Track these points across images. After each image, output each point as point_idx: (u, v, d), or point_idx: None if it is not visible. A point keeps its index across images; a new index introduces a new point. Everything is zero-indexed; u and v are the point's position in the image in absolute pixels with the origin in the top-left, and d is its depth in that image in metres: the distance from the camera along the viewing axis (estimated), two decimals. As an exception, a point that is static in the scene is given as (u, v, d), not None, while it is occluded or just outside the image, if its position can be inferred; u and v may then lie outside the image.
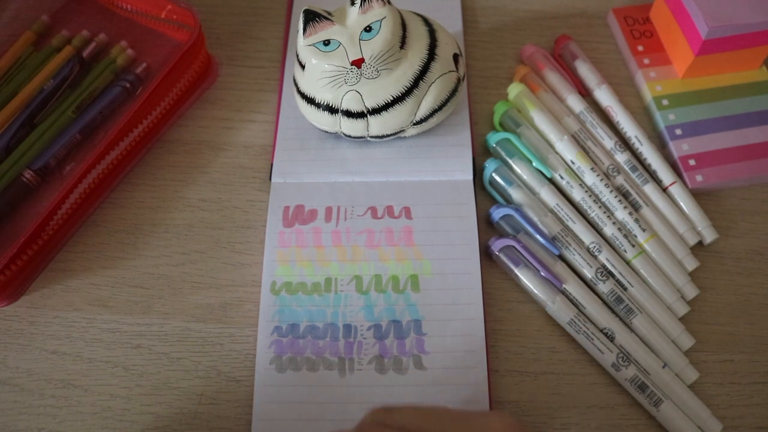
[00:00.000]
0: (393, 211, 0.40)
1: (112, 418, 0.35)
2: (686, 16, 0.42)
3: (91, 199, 0.40)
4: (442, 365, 0.35)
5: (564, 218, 0.40)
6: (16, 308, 0.39)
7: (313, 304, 0.37)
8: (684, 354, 0.36)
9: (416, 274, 0.38)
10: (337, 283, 0.38)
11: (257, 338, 0.36)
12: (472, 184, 0.41)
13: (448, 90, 0.39)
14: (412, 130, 0.40)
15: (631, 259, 0.39)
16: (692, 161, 0.42)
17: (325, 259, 0.38)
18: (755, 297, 0.39)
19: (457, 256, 0.38)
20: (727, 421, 0.35)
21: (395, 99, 0.38)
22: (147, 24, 0.47)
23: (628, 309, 0.37)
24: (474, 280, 0.37)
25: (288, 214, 0.40)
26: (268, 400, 0.35)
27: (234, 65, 0.47)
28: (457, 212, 0.39)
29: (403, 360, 0.36)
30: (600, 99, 0.44)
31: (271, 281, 0.38)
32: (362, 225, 0.39)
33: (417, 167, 0.41)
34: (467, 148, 0.42)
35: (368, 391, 0.35)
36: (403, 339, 0.36)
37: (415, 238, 0.39)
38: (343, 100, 0.38)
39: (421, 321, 0.37)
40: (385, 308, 0.37)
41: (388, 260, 0.38)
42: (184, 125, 0.44)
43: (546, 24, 0.49)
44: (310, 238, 0.39)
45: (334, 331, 0.36)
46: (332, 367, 0.36)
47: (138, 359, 0.37)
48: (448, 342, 0.36)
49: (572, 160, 0.41)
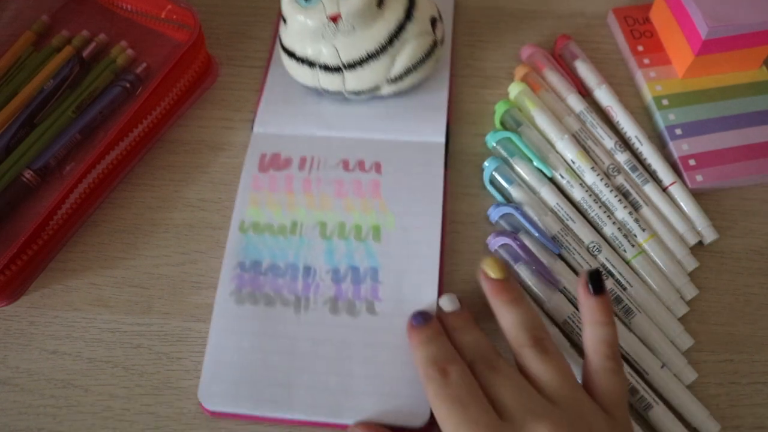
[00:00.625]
0: (364, 165, 0.41)
1: (112, 418, 0.35)
2: (686, 16, 0.42)
3: (91, 199, 0.40)
4: (394, 313, 0.36)
5: (564, 218, 0.40)
6: (16, 308, 0.39)
7: (278, 245, 0.39)
8: (683, 354, 0.36)
9: (379, 225, 0.39)
10: (302, 228, 0.39)
11: (220, 271, 0.38)
12: (444, 147, 0.42)
13: (422, 51, 0.41)
14: (387, 88, 0.42)
15: (631, 258, 0.39)
16: (692, 161, 0.42)
17: (294, 204, 0.40)
18: (755, 297, 0.39)
19: (420, 212, 0.40)
20: (726, 422, 0.35)
21: (370, 55, 0.39)
22: (147, 24, 0.47)
23: (627, 309, 0.37)
24: (434, 236, 0.39)
25: (264, 160, 0.42)
26: (223, 328, 0.37)
27: (234, 65, 0.47)
28: (425, 171, 0.41)
29: (357, 304, 0.37)
30: (600, 99, 0.44)
31: (240, 220, 0.40)
32: (333, 175, 0.41)
33: (392, 126, 0.43)
34: (442, 113, 0.43)
35: (319, 329, 0.36)
36: (359, 284, 0.38)
37: (382, 191, 0.40)
38: (320, 54, 0.40)
39: (378, 269, 0.38)
40: (345, 254, 0.39)
41: (354, 210, 0.40)
42: (184, 125, 0.44)
43: (546, 24, 0.49)
44: (282, 184, 0.41)
45: (294, 271, 0.38)
46: (288, 304, 0.37)
47: (138, 359, 0.37)
48: (403, 292, 0.37)
49: (572, 159, 0.41)
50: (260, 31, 0.48)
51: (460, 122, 0.44)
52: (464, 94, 0.46)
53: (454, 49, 0.47)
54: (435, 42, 0.41)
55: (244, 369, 0.35)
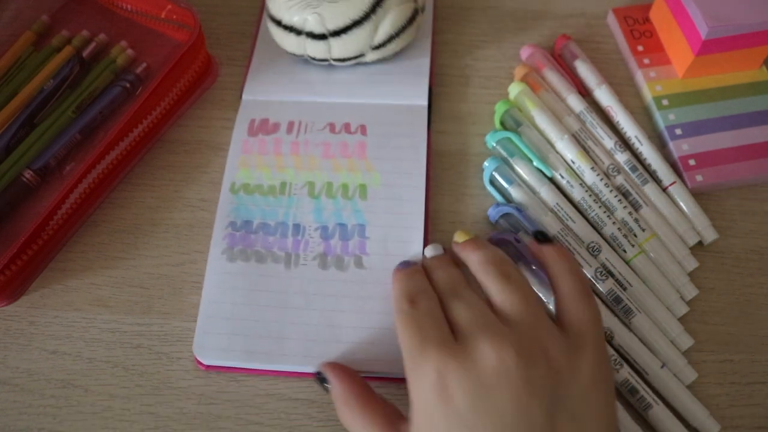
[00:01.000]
0: (350, 127, 0.43)
1: (112, 418, 0.35)
2: (686, 16, 0.42)
3: (91, 199, 0.40)
4: (381, 266, 0.38)
5: (564, 218, 0.40)
6: (16, 308, 0.39)
7: (268, 205, 0.40)
8: (683, 354, 0.36)
9: (365, 183, 0.41)
10: (291, 187, 0.41)
11: (212, 230, 0.39)
12: (427, 109, 0.44)
13: (404, 18, 0.42)
14: (371, 55, 0.43)
15: (631, 258, 0.39)
16: (692, 161, 0.42)
17: (283, 165, 0.42)
18: (755, 297, 0.39)
19: (405, 171, 0.41)
20: (726, 421, 0.35)
21: (354, 22, 0.41)
22: (147, 24, 0.47)
23: (627, 309, 0.37)
24: (419, 193, 0.40)
25: (253, 125, 0.43)
26: (216, 285, 0.38)
27: (234, 65, 0.47)
28: (409, 132, 0.43)
29: (345, 259, 0.38)
30: (600, 99, 0.44)
31: (231, 182, 0.41)
32: (320, 138, 0.43)
33: (377, 91, 0.44)
34: (425, 77, 0.45)
35: (309, 284, 0.38)
36: (347, 240, 0.39)
37: (368, 152, 0.42)
38: (306, 21, 0.41)
39: (365, 225, 0.39)
40: (333, 212, 0.40)
41: (341, 170, 0.41)
42: (184, 125, 0.44)
43: (546, 24, 0.49)
44: (271, 147, 0.42)
45: (284, 229, 0.39)
46: (279, 261, 0.38)
47: (138, 359, 0.37)
48: (389, 246, 0.39)
49: (572, 159, 0.41)
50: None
51: (461, 122, 0.44)
52: (464, 94, 0.46)
53: (435, 15, 0.48)
54: (416, 9, 0.43)
55: (237, 323, 0.37)
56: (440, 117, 0.45)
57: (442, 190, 0.42)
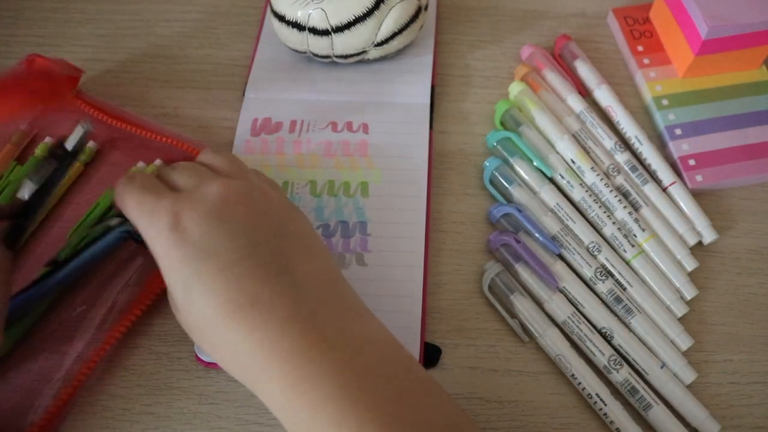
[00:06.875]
0: (352, 126, 0.43)
1: (112, 418, 0.35)
2: (686, 16, 0.42)
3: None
4: (382, 263, 0.38)
5: (564, 218, 0.40)
6: (17, 308, 0.38)
7: None
8: (683, 354, 0.36)
9: (366, 181, 0.41)
10: (293, 186, 0.41)
11: None
12: (429, 107, 0.44)
13: (408, 15, 0.42)
14: (374, 52, 0.43)
15: (631, 259, 0.39)
16: (692, 161, 0.42)
17: (285, 165, 0.42)
18: (755, 297, 0.39)
19: (406, 168, 0.41)
20: (726, 421, 0.35)
21: (357, 18, 0.41)
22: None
23: (627, 309, 0.37)
24: (420, 189, 0.40)
25: (256, 125, 0.43)
26: None
27: (234, 65, 0.47)
28: (412, 131, 0.43)
29: (347, 256, 0.39)
30: (600, 99, 0.44)
31: None
32: (322, 137, 0.43)
33: (379, 89, 0.45)
34: (427, 76, 0.45)
35: None
36: (349, 238, 0.39)
37: (370, 150, 0.42)
38: (309, 17, 0.41)
39: (366, 223, 0.40)
40: (335, 210, 0.40)
41: (343, 168, 0.41)
42: (185, 125, 0.44)
43: (546, 24, 0.49)
44: (273, 147, 0.42)
45: None
46: None
47: (138, 359, 0.37)
48: (390, 243, 0.39)
49: (572, 159, 0.41)
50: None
51: (461, 122, 0.44)
52: (464, 93, 0.46)
53: (439, 13, 0.48)
54: (420, 7, 0.43)
55: None
56: (441, 116, 0.45)
57: (443, 189, 0.42)
